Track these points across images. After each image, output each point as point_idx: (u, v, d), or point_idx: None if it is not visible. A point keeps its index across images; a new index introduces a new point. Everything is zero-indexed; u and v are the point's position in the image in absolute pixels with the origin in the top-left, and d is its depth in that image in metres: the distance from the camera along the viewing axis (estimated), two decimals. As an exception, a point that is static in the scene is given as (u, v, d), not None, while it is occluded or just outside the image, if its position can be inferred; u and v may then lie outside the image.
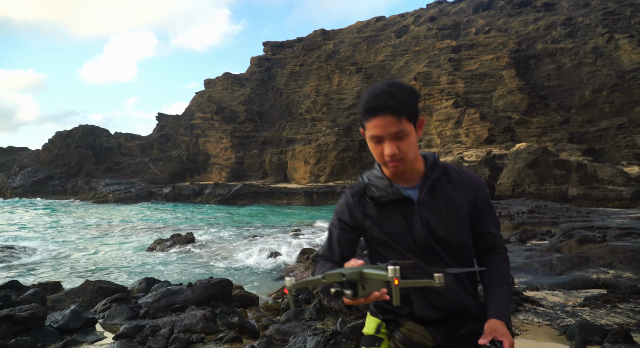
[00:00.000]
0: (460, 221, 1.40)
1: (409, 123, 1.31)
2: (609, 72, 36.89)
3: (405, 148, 1.32)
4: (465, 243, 1.43)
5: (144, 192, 41.72)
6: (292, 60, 59.69)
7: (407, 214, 1.40)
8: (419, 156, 1.43)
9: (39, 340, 3.88)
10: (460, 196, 1.42)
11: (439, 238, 1.38)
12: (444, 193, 1.41)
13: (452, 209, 1.40)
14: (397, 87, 1.31)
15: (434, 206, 1.40)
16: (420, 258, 1.38)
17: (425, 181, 1.41)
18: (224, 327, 4.42)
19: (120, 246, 14.24)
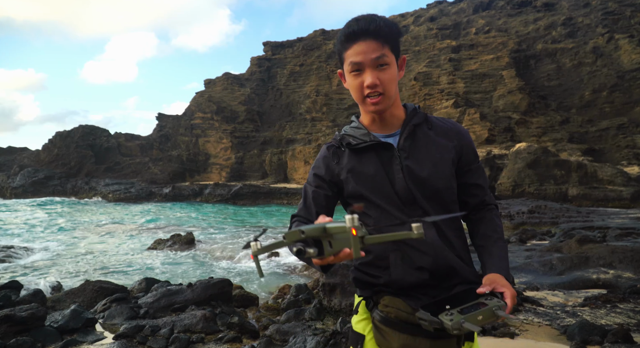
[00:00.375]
0: (445, 164, 1.29)
1: (391, 54, 1.25)
2: (609, 72, 36.89)
3: (386, 79, 1.24)
4: (451, 189, 1.31)
5: (144, 192, 41.72)
6: (292, 60, 59.68)
7: (385, 161, 1.30)
8: (398, 101, 1.36)
9: (39, 340, 3.88)
10: (444, 141, 1.33)
11: (421, 183, 1.26)
12: (426, 138, 1.32)
13: (436, 152, 1.30)
14: (378, 16, 1.26)
15: (415, 150, 1.30)
16: (401, 211, 1.27)
17: (405, 126, 1.32)
18: (224, 327, 4.42)
19: (120, 246, 14.24)
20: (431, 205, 1.27)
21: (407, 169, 1.28)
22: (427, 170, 1.27)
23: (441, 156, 1.30)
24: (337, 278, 4.94)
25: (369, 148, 1.32)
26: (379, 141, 1.31)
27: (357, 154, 1.34)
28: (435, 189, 1.27)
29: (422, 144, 1.31)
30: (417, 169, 1.27)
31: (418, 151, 1.30)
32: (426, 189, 1.27)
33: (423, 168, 1.28)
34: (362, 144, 1.32)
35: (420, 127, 1.34)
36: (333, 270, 5.04)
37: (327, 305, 4.80)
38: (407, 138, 1.31)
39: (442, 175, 1.29)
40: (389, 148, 1.31)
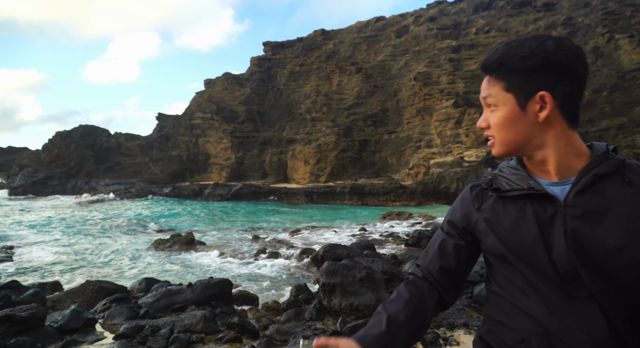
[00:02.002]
0: (633, 244, 0.91)
1: (505, 93, 1.00)
2: (609, 72, 36.90)
3: (494, 122, 1.03)
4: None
5: (143, 192, 41.74)
6: (292, 60, 59.69)
7: (543, 218, 0.99)
8: (561, 145, 1.00)
9: (39, 340, 3.88)
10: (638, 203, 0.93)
11: (590, 260, 0.92)
12: (615, 197, 0.95)
13: (625, 221, 0.92)
14: (507, 44, 1.02)
15: (590, 211, 0.95)
16: (557, 288, 0.96)
17: (583, 175, 0.97)
18: (224, 327, 4.41)
19: (120, 246, 14.24)
20: (605, 290, 0.92)
21: (572, 235, 0.94)
22: (612, 240, 0.92)
23: (632, 227, 0.92)
24: (337, 278, 4.94)
25: (523, 197, 1.03)
26: (539, 191, 1.01)
27: (505, 202, 1.06)
28: (612, 274, 0.92)
29: (604, 206, 0.94)
30: (586, 237, 0.94)
31: (595, 213, 0.95)
32: (598, 268, 0.92)
33: (604, 237, 0.92)
34: (514, 192, 1.04)
35: (609, 180, 0.96)
36: (333, 269, 5.04)
37: (327, 305, 4.80)
38: (583, 191, 0.96)
39: (627, 256, 0.91)
40: (551, 200, 0.99)
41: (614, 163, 0.97)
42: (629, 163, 0.98)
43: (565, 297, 0.95)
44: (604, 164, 0.97)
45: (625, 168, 0.97)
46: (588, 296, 0.93)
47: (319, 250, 7.60)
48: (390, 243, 12.69)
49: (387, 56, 53.24)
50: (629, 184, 0.95)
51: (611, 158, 0.98)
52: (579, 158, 1.00)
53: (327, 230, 17.09)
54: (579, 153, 1.01)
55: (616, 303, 0.91)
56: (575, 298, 0.94)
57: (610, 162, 0.97)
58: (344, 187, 36.28)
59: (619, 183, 0.95)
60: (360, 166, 42.61)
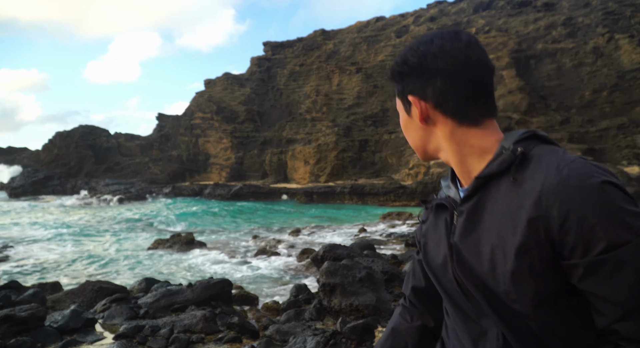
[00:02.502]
0: (504, 253, 0.76)
1: (397, 99, 0.97)
2: (609, 72, 36.90)
3: (402, 129, 1.00)
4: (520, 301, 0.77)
5: (143, 192, 41.72)
6: (292, 60, 59.70)
7: (446, 231, 0.91)
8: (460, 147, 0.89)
9: (39, 340, 3.88)
10: (521, 212, 0.75)
11: (473, 278, 0.82)
12: (494, 202, 0.81)
13: (498, 237, 0.78)
14: (406, 47, 0.95)
15: (470, 221, 0.84)
16: (465, 304, 0.87)
17: (474, 180, 0.85)
18: (224, 327, 4.41)
19: (120, 247, 14.24)
20: (494, 310, 0.80)
21: (456, 248, 0.86)
22: (479, 260, 0.81)
23: (502, 246, 0.77)
24: (337, 278, 4.94)
25: (442, 208, 0.96)
26: (442, 201, 0.95)
27: (434, 214, 1.00)
28: (491, 289, 0.80)
29: (486, 215, 0.82)
30: (468, 250, 0.84)
31: (479, 223, 0.83)
32: (479, 285, 0.81)
33: (475, 255, 0.82)
34: (433, 202, 1.00)
35: (497, 181, 0.82)
36: (333, 269, 5.04)
37: (327, 305, 4.79)
38: (468, 198, 0.86)
39: (501, 281, 0.77)
40: (445, 210, 0.94)
41: (504, 159, 0.81)
42: (535, 153, 0.80)
43: (472, 316, 0.86)
44: (495, 161, 0.83)
45: (516, 163, 0.79)
46: (487, 318, 0.83)
47: (319, 250, 7.61)
48: (390, 243, 12.69)
49: (387, 56, 53.24)
50: (513, 183, 0.78)
51: (504, 153, 0.82)
52: (481, 157, 0.87)
53: (327, 230, 17.10)
54: (482, 151, 0.87)
55: (510, 322, 0.79)
56: (480, 316, 0.84)
57: (500, 159, 0.82)
58: (344, 187, 36.28)
59: (507, 183, 0.80)
60: (360, 166, 42.61)
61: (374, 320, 4.25)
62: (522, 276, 0.75)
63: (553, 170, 0.75)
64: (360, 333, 3.80)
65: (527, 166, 0.79)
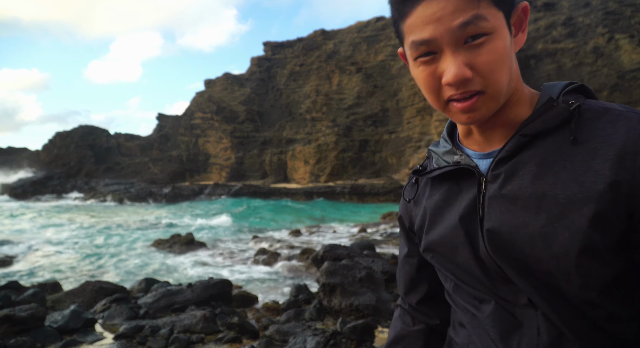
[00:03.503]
0: (574, 220, 0.61)
1: (495, 10, 0.64)
2: (610, 72, 36.93)
3: (488, 61, 0.64)
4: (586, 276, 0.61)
5: (143, 192, 41.73)
6: (292, 60, 59.72)
7: (466, 204, 0.73)
8: (521, 86, 0.72)
9: (39, 340, 3.88)
10: (590, 174, 0.61)
11: (510, 254, 0.67)
12: (549, 164, 0.65)
13: (558, 206, 0.63)
14: None
15: (515, 190, 0.67)
16: (494, 295, 0.71)
17: (513, 136, 0.69)
18: (223, 327, 4.41)
19: (120, 246, 14.24)
20: (543, 295, 0.65)
21: (488, 221, 0.69)
22: (527, 236, 0.65)
23: (561, 211, 0.62)
24: (337, 278, 4.94)
25: (449, 177, 0.79)
26: (460, 166, 0.75)
27: (433, 186, 0.83)
28: (544, 272, 0.64)
29: (538, 178, 0.66)
30: (509, 222, 0.67)
31: (525, 191, 0.66)
32: (525, 268, 0.66)
33: (520, 231, 0.66)
34: (437, 171, 0.80)
35: (547, 139, 0.67)
36: (333, 270, 5.04)
37: (327, 305, 4.79)
38: (505, 160, 0.70)
39: (557, 252, 0.62)
40: (472, 176, 0.74)
41: (557, 113, 0.66)
42: (587, 108, 0.67)
43: (503, 305, 0.70)
44: (543, 116, 0.67)
45: (575, 119, 0.65)
46: (527, 303, 0.67)
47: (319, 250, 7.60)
48: (390, 243, 12.69)
49: (387, 56, 53.25)
50: (573, 143, 0.64)
51: (556, 106, 0.67)
52: (525, 105, 0.72)
53: (327, 230, 17.10)
54: (525, 97, 0.72)
55: (564, 312, 0.64)
56: (514, 305, 0.69)
57: (552, 112, 0.67)
58: (344, 187, 36.29)
59: (560, 142, 0.66)
60: (360, 166, 42.62)
61: (374, 320, 4.25)
62: (593, 253, 0.60)
63: (634, 123, 0.61)
64: (360, 333, 3.80)
65: (586, 122, 0.65)
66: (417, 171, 0.86)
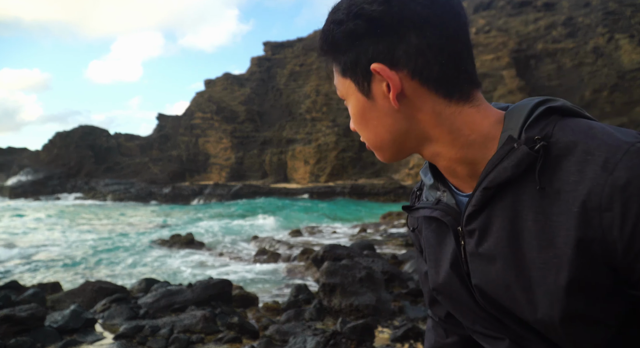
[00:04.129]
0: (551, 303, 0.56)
1: (344, 78, 0.67)
2: (610, 72, 36.94)
3: (352, 120, 0.72)
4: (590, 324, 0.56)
5: (143, 192, 41.75)
6: (292, 60, 59.73)
7: (451, 250, 0.70)
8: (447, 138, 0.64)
9: (39, 340, 3.88)
10: (562, 233, 0.55)
11: (495, 302, 0.64)
12: (517, 219, 0.59)
13: (533, 266, 0.58)
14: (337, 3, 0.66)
15: (490, 247, 0.63)
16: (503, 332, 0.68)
17: (477, 186, 0.62)
18: (223, 327, 4.41)
19: (120, 247, 14.25)
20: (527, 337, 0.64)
21: (471, 274, 0.67)
22: (508, 295, 0.62)
23: (546, 268, 0.56)
24: (337, 278, 4.94)
25: (435, 219, 0.74)
26: (433, 213, 0.72)
27: (428, 225, 0.77)
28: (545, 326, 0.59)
29: (511, 233, 0.60)
30: (490, 286, 0.64)
31: (500, 248, 0.61)
32: (521, 322, 0.63)
33: (501, 290, 0.62)
34: (421, 211, 0.75)
35: (518, 186, 0.59)
36: (333, 270, 5.04)
37: (327, 305, 4.80)
38: (475, 214, 0.64)
39: (542, 313, 0.58)
40: (444, 228, 0.71)
41: (518, 159, 0.57)
42: (555, 141, 0.56)
43: (518, 343, 0.67)
44: (503, 164, 0.59)
45: (540, 162, 0.56)
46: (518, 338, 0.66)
47: (319, 250, 7.61)
48: (390, 243, 12.69)
49: (387, 56, 53.27)
50: (541, 193, 0.57)
51: (516, 148, 0.58)
52: (483, 149, 0.63)
53: (327, 230, 17.10)
54: (485, 139, 0.63)
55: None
56: (530, 342, 0.65)
57: (512, 158, 0.58)
58: (344, 187, 36.30)
59: (529, 190, 0.58)
60: (360, 166, 42.63)
61: (374, 320, 4.25)
62: (577, 319, 0.55)
63: (599, 171, 0.51)
64: (360, 333, 3.80)
65: (556, 162, 0.56)
66: (407, 207, 0.81)
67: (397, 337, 3.79)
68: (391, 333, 3.96)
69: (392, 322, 4.39)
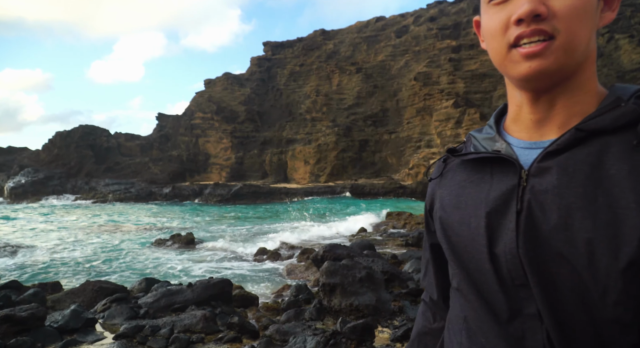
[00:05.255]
0: (618, 249, 0.56)
1: None
2: (609, 72, 36.94)
3: (567, 4, 0.60)
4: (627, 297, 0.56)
5: (143, 192, 41.73)
6: (292, 60, 59.73)
7: (498, 194, 0.68)
8: (594, 77, 0.67)
9: (39, 340, 3.88)
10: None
11: (544, 258, 0.61)
12: (601, 168, 0.60)
13: (610, 213, 0.58)
14: None
15: (563, 187, 0.61)
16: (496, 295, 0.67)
17: (573, 131, 0.63)
18: (224, 327, 4.42)
19: (120, 246, 14.25)
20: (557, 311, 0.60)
21: (527, 218, 0.64)
22: (569, 241, 0.59)
23: (623, 212, 0.57)
24: (337, 278, 4.94)
25: (484, 163, 0.73)
26: (500, 154, 0.70)
27: (467, 171, 0.76)
28: (576, 282, 0.59)
29: (591, 179, 0.60)
30: (546, 226, 0.62)
31: (573, 190, 0.61)
32: (553, 274, 0.60)
33: (561, 234, 0.60)
34: (473, 155, 0.74)
35: (608, 139, 0.62)
36: (333, 269, 5.04)
37: (327, 305, 4.80)
38: (557, 152, 0.64)
39: (598, 264, 0.57)
40: (511, 167, 0.68)
41: (623, 113, 0.61)
42: None
43: (506, 313, 0.65)
44: (608, 114, 0.62)
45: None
46: (534, 313, 0.62)
47: (319, 250, 7.61)
48: (390, 243, 12.69)
49: (387, 56, 53.25)
50: (636, 148, 0.59)
51: (623, 106, 0.62)
52: (592, 98, 0.66)
53: (327, 230, 17.11)
54: (593, 90, 0.67)
55: (578, 330, 0.59)
56: (518, 314, 0.64)
57: (618, 112, 0.61)
58: (344, 187, 36.31)
59: (621, 144, 0.60)
60: (360, 166, 42.63)
61: (374, 320, 4.26)
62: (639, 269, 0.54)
63: None
64: (360, 333, 3.80)
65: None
66: (452, 149, 0.81)
67: (397, 336, 3.80)
68: (391, 333, 3.97)
69: (392, 322, 4.40)
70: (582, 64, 0.64)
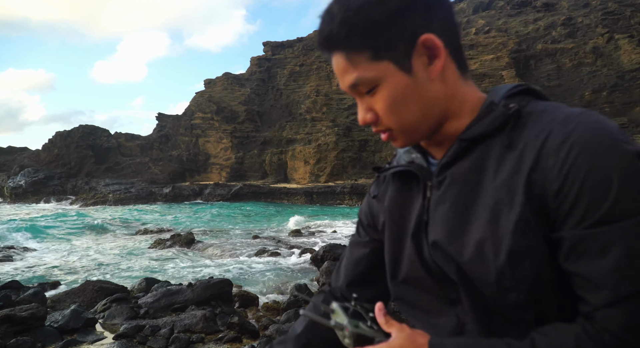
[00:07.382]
0: (501, 241, 0.62)
1: (379, 62, 0.66)
2: (609, 72, 36.94)
3: (383, 107, 0.68)
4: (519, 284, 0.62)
5: (144, 192, 41.74)
6: (292, 60, 59.70)
7: (415, 204, 0.76)
8: (457, 102, 0.71)
9: (39, 340, 3.88)
10: (515, 178, 0.62)
11: (451, 264, 0.68)
12: (484, 172, 0.66)
13: (491, 212, 0.64)
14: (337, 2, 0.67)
15: (455, 196, 0.69)
16: (432, 289, 0.74)
17: (457, 142, 0.70)
18: (224, 327, 4.42)
19: (120, 246, 14.24)
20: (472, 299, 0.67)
21: (431, 229, 0.72)
22: (463, 241, 0.67)
23: (493, 216, 0.64)
24: (337, 278, 4.94)
25: (404, 178, 0.79)
26: (404, 167, 0.78)
27: (394, 184, 0.83)
28: (476, 276, 0.65)
29: (476, 184, 0.67)
30: (444, 232, 0.70)
31: (464, 197, 0.68)
32: (462, 276, 0.67)
33: (458, 236, 0.68)
34: (392, 169, 0.81)
35: (489, 143, 0.67)
36: (333, 269, 5.04)
37: (327, 305, 4.80)
38: (448, 165, 0.71)
39: (487, 256, 0.63)
40: (416, 179, 0.77)
41: (495, 117, 0.66)
42: (528, 111, 0.66)
43: (443, 301, 0.73)
44: (485, 119, 0.67)
45: (511, 123, 0.65)
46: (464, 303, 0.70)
47: (319, 250, 7.61)
48: (390, 243, 12.70)
49: (387, 56, 53.21)
50: (507, 148, 0.64)
51: (495, 110, 0.67)
52: (465, 119, 0.71)
53: (327, 230, 17.11)
54: (472, 110, 0.71)
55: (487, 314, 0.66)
56: (454, 303, 0.71)
57: (490, 117, 0.67)
58: (344, 187, 36.31)
59: (497, 147, 0.66)
60: (360, 166, 42.60)
61: (374, 319, 4.25)
62: (520, 258, 0.61)
63: (557, 125, 0.61)
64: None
65: (523, 126, 0.64)
66: (377, 168, 0.87)
67: (397, 336, 3.79)
68: (391, 333, 3.96)
69: (392, 322, 4.40)
70: (445, 112, 0.70)
